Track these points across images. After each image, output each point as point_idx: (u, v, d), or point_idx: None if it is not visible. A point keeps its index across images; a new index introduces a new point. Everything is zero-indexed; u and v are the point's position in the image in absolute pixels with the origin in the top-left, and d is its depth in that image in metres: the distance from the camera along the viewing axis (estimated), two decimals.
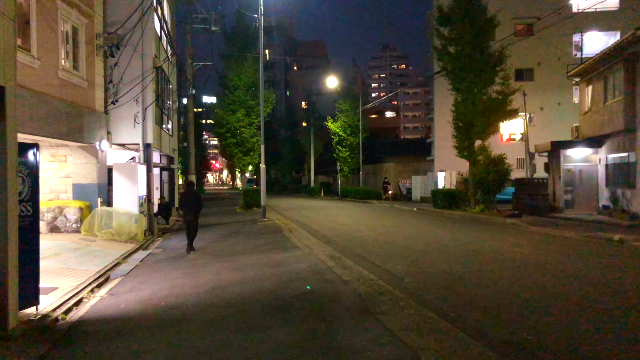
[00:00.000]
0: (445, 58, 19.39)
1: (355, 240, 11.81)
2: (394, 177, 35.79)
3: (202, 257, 10.14)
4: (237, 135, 24.50)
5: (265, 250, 10.39)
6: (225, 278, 7.51)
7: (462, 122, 19.19)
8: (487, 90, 18.68)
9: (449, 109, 31.41)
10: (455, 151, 30.79)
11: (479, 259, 8.78)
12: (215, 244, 12.14)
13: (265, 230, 14.44)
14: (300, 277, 7.09)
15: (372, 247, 10.54)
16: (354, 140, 35.62)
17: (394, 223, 16.12)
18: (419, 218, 18.08)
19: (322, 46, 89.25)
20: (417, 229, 14.23)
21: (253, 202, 22.95)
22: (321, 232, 13.50)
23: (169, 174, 21.21)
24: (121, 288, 7.41)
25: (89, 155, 12.87)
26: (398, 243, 11.09)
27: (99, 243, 11.44)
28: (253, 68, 24.49)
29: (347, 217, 18.50)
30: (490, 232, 13.26)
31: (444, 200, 20.93)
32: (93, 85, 12.80)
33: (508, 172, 17.96)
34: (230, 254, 10.16)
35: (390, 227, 14.62)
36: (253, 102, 24.44)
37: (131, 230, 12.31)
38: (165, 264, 9.41)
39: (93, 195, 12.81)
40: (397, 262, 8.56)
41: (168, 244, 12.62)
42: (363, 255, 9.37)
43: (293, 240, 11.87)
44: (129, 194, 13.02)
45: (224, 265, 8.71)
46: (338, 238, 12.20)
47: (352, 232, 13.36)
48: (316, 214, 20.28)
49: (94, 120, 12.74)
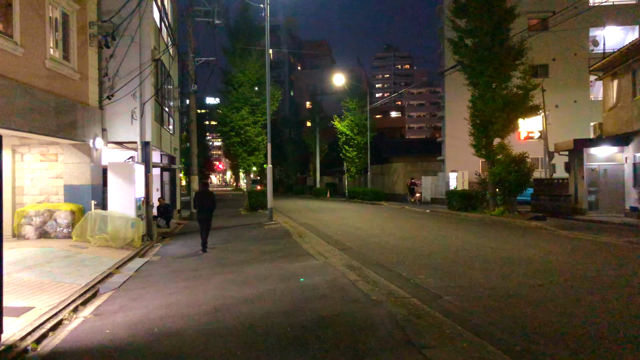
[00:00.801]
0: (462, 51, 18.30)
1: (372, 246, 10.74)
2: (402, 177, 34.68)
3: (204, 265, 9.09)
4: (241, 134, 23.46)
5: (275, 259, 9.33)
6: (231, 294, 6.45)
7: (479, 119, 18.09)
8: (507, 85, 17.58)
9: (460, 106, 30.43)
10: (468, 150, 29.77)
11: (517, 270, 7.70)
12: (219, 250, 11.09)
13: (273, 234, 13.38)
14: (320, 295, 6.02)
15: (394, 255, 9.47)
16: (362, 140, 34.55)
17: (410, 226, 15.03)
18: (436, 221, 16.98)
19: (326, 46, 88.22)
20: (437, 233, 13.14)
21: (258, 204, 21.90)
22: (334, 237, 12.43)
23: (170, 175, 20.19)
24: (110, 306, 6.36)
25: (82, 154, 11.86)
26: (421, 250, 10.01)
27: (92, 250, 10.41)
28: (258, 64, 23.48)
29: (359, 220, 17.42)
30: (517, 237, 12.16)
31: (459, 201, 19.83)
32: (86, 78, 11.78)
33: (530, 172, 16.83)
34: (236, 263, 9.11)
35: (408, 231, 13.54)
36: (258, 99, 23.44)
37: (127, 236, 11.27)
38: (163, 275, 8.36)
39: (86, 198, 11.79)
40: (426, 273, 7.49)
41: (167, 250, 11.58)
42: (385, 266, 8.30)
43: (304, 246, 10.81)
44: (125, 196, 11.99)
45: (228, 278, 7.66)
46: (353, 244, 11.13)
47: (367, 237, 12.29)
48: (325, 217, 19.22)
49: (88, 116, 11.73)
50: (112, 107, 13.12)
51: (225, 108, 23.67)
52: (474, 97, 18.35)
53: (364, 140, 34.35)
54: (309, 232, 13.50)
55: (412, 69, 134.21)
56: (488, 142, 18.21)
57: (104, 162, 12.68)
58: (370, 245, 10.84)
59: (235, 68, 23.56)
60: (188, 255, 10.68)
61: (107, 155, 15.33)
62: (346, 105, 35.34)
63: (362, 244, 11.06)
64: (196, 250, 11.21)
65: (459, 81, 29.77)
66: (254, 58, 23.53)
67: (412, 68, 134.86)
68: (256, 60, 23.53)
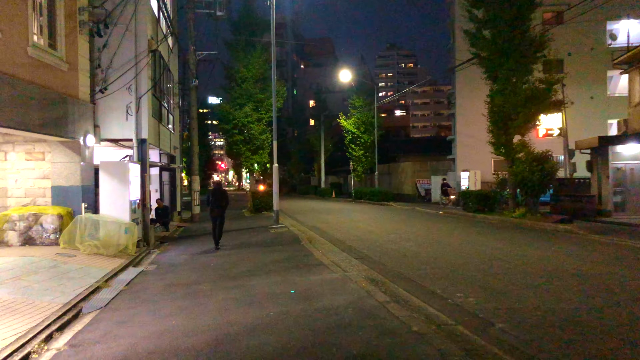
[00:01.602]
0: (479, 43, 17.18)
1: (392, 254, 9.65)
2: (410, 177, 33.60)
3: (205, 277, 8.03)
4: (244, 132, 22.38)
5: (284, 270, 8.25)
6: (235, 319, 5.37)
7: (499, 115, 16.97)
8: (527, 79, 16.46)
9: (472, 103, 29.38)
10: (479, 149, 28.74)
11: (567, 286, 6.60)
12: (221, 257, 10.03)
13: (280, 239, 12.31)
14: (345, 323, 4.94)
15: (419, 265, 8.38)
16: (368, 138, 33.43)
17: (428, 230, 13.93)
18: (453, 224, 15.88)
19: (330, 43, 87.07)
20: (461, 238, 12.03)
21: (263, 205, 20.85)
22: (347, 243, 11.35)
23: (169, 175, 19.14)
24: (91, 333, 5.30)
25: (71, 152, 10.81)
26: (449, 259, 8.92)
27: (80, 259, 9.35)
28: (262, 58, 22.39)
29: (371, 223, 16.33)
30: (548, 243, 11.05)
31: (476, 202, 18.71)
32: (75, 69, 10.72)
33: (554, 172, 15.71)
34: (240, 275, 8.03)
35: (427, 236, 12.44)
36: (262, 95, 22.35)
37: (120, 242, 10.21)
38: (158, 290, 7.30)
39: (76, 200, 10.74)
40: (464, 290, 6.41)
41: (165, 258, 10.52)
42: (413, 279, 7.22)
43: (316, 254, 9.73)
44: (119, 199, 10.93)
45: (231, 295, 6.58)
46: (370, 251, 10.04)
47: (384, 243, 11.20)
48: (334, 219, 18.13)
49: (78, 110, 10.67)
50: (105, 102, 12.09)
51: (227, 105, 22.57)
52: (493, 91, 17.23)
53: (371, 139, 33.23)
54: (319, 237, 12.43)
55: (416, 68, 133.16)
56: (508, 140, 17.09)
57: (97, 161, 11.63)
58: (389, 253, 9.75)
59: (238, 63, 22.46)
60: (187, 263, 9.62)
61: (101, 154, 14.32)
62: (352, 103, 34.21)
63: (380, 252, 9.98)
64: (197, 257, 10.17)
65: (471, 77, 28.68)
66: (257, 52, 22.42)
67: (416, 66, 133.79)
68: (260, 54, 22.43)
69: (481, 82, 29.11)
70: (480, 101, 28.98)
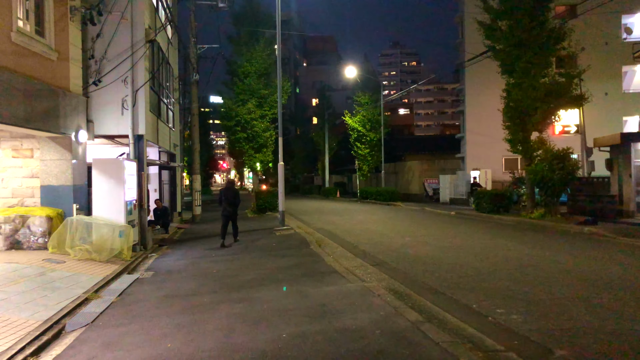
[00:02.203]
0: (495, 35, 16.31)
1: (411, 260, 8.81)
2: (418, 176, 32.74)
3: (206, 287, 7.21)
4: (247, 129, 21.52)
5: (294, 278, 7.42)
6: (242, 342, 4.55)
7: (516, 111, 16.10)
8: (546, 72, 15.60)
9: (482, 99, 28.52)
10: (490, 147, 27.88)
11: (623, 299, 5.76)
12: (224, 263, 9.20)
13: (287, 242, 11.47)
14: (375, 351, 4.09)
15: (444, 273, 7.54)
16: (374, 136, 32.57)
17: (444, 233, 13.09)
18: (469, 225, 15.02)
19: (332, 41, 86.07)
20: (481, 241, 11.18)
21: (267, 205, 20.01)
22: (359, 247, 10.51)
23: (169, 174, 18.34)
24: (71, 358, 4.48)
25: (62, 149, 10.00)
26: (475, 266, 8.07)
27: (70, 265, 8.55)
28: (266, 52, 21.55)
29: (381, 224, 15.48)
30: (578, 247, 10.19)
31: (490, 202, 17.84)
32: (66, 59, 9.91)
33: (575, 170, 14.86)
34: (246, 285, 7.20)
35: (444, 239, 11.59)
36: (266, 91, 21.51)
37: (114, 247, 9.40)
38: (153, 302, 6.48)
39: (67, 201, 9.94)
40: (503, 305, 5.57)
41: (163, 263, 9.70)
42: (442, 291, 6.38)
43: (328, 260, 8.90)
44: (113, 199, 10.11)
45: (236, 310, 5.75)
46: (387, 257, 9.20)
47: (400, 247, 10.36)
48: (342, 220, 17.30)
49: (69, 104, 9.87)
50: (99, 95, 11.28)
51: (230, 101, 21.72)
52: (509, 85, 16.36)
53: (377, 137, 32.39)
54: (328, 240, 11.58)
55: (420, 66, 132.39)
56: (525, 137, 16.24)
57: (91, 159, 10.82)
58: (408, 259, 8.91)
59: (241, 57, 21.63)
60: (187, 269, 8.80)
61: (97, 152, 13.52)
62: (358, 100, 33.36)
63: (397, 257, 9.14)
64: (197, 263, 9.36)
65: (481, 73, 27.80)
66: (261, 46, 21.58)
67: (420, 65, 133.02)
68: (264, 48, 21.59)
69: (491, 78, 28.27)
70: (490, 98, 28.16)
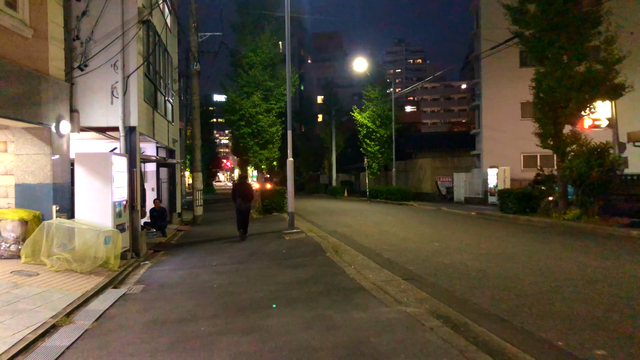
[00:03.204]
0: (524, 19, 14.85)
1: (449, 272, 7.41)
2: (430, 174, 31.30)
3: (204, 308, 5.84)
4: (252, 124, 20.14)
5: (313, 298, 6.03)
6: None
7: (547, 102, 14.66)
8: (582, 59, 14.14)
9: (499, 93, 27.00)
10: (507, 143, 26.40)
11: None
12: (228, 275, 7.84)
13: (298, 249, 10.09)
14: None
15: (496, 290, 6.14)
16: (385, 133, 31.13)
17: (475, 237, 11.67)
18: (499, 228, 13.61)
19: (338, 38, 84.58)
20: (523, 248, 9.76)
21: (273, 205, 18.67)
22: (383, 255, 9.12)
23: (168, 171, 17.00)
24: None
25: (40, 142, 8.66)
26: (531, 281, 6.66)
27: (43, 278, 7.20)
28: (271, 42, 20.17)
29: (400, 227, 14.09)
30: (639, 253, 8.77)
31: (516, 202, 16.40)
32: (44, 37, 8.56)
33: (616, 167, 13.42)
34: (253, 306, 5.82)
35: (479, 245, 10.18)
36: (272, 83, 20.12)
37: (99, 255, 8.04)
38: (137, 331, 5.11)
39: (45, 202, 8.60)
40: (600, 340, 4.17)
41: (157, 274, 8.35)
42: (505, 317, 4.98)
43: (349, 271, 7.51)
44: (99, 200, 8.76)
45: (243, 348, 4.36)
46: (418, 267, 7.81)
47: (431, 255, 8.96)
48: (355, 222, 15.91)
49: (48, 89, 8.52)
50: (85, 82, 9.95)
51: (233, 94, 20.34)
52: (539, 74, 14.90)
53: (388, 133, 30.95)
54: (345, 246, 10.19)
55: (425, 64, 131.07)
56: (557, 130, 14.79)
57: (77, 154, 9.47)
58: (444, 270, 7.51)
59: (245, 47, 20.26)
60: (184, 283, 7.44)
61: (88, 147, 12.26)
62: (367, 95, 31.92)
63: (430, 268, 7.74)
64: (196, 274, 7.99)
65: (498, 65, 26.37)
66: (267, 35, 20.19)
67: (425, 62, 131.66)
68: (270, 37, 20.21)
69: (509, 71, 26.88)
70: (508, 91, 26.71)
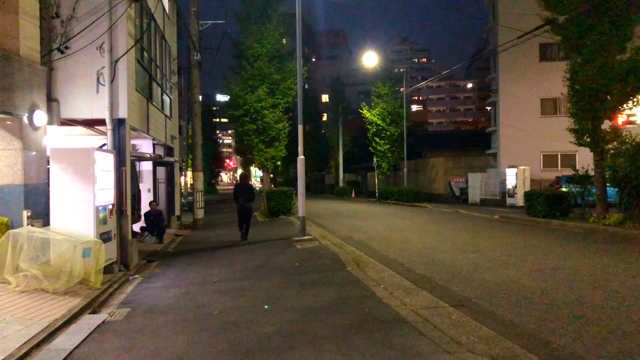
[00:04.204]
0: (559, 3, 13.41)
1: (504, 294, 6.00)
2: (442, 175, 29.89)
3: (200, 345, 4.47)
4: (257, 120, 18.77)
5: (341, 334, 4.64)
6: None
7: (584, 95, 13.21)
8: (626, 46, 12.71)
9: (518, 88, 25.52)
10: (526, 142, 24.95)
11: None
12: (231, 296, 6.45)
13: (313, 261, 8.68)
14: None
15: (574, 322, 4.74)
16: (395, 131, 29.72)
17: (513, 246, 10.25)
18: (535, 235, 12.18)
19: (343, 36, 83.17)
20: (576, 261, 8.33)
21: (280, 207, 17.29)
22: (414, 270, 7.72)
23: (167, 171, 15.64)
24: None
25: (8, 135, 7.29)
26: (617, 307, 5.25)
27: (3, 302, 5.85)
28: (278, 32, 18.80)
29: (423, 232, 12.68)
30: None
31: (546, 205, 14.97)
32: (13, 12, 7.19)
33: None
34: (263, 347, 4.43)
35: (523, 257, 8.75)
36: (278, 76, 18.75)
37: (75, 271, 6.66)
38: None
39: (15, 206, 7.23)
40: None
41: (147, 292, 6.98)
42: None
43: (380, 293, 6.11)
44: (79, 203, 7.40)
45: None
46: (464, 287, 6.41)
47: (471, 270, 7.54)
48: (370, 226, 14.52)
49: (18, 73, 7.15)
50: (67, 67, 8.60)
51: (237, 87, 18.96)
52: (575, 64, 13.46)
53: (398, 131, 29.55)
54: (368, 258, 8.79)
55: (430, 62, 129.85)
56: (595, 126, 13.36)
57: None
58: (498, 293, 6.10)
59: (250, 37, 18.89)
60: (177, 307, 6.06)
61: (73, 143, 10.93)
62: (377, 91, 30.50)
63: (478, 289, 6.33)
64: (194, 293, 6.61)
65: (517, 59, 24.94)
66: (273, 24, 18.82)
67: (430, 61, 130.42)
68: (276, 27, 18.85)
69: (528, 66, 25.43)
70: (527, 87, 25.29)
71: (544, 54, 25.21)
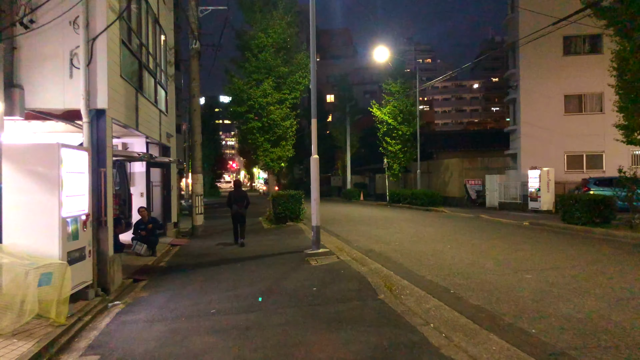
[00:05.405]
0: None
1: (603, 341, 4.40)
2: (457, 176, 28.23)
3: None
4: (263, 117, 17.21)
5: None
6: None
7: (635, 86, 11.62)
8: None
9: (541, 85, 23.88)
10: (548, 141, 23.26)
11: None
12: (231, 339, 4.86)
13: (335, 285, 7.06)
14: None
15: None
16: (407, 130, 28.11)
17: (573, 264, 8.62)
18: (584, 247, 10.55)
19: (348, 34, 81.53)
20: None
21: (287, 213, 15.68)
22: (464, 297, 6.11)
23: (162, 173, 14.08)
24: None
25: None
26: None
27: None
28: (285, 21, 17.25)
29: (452, 244, 11.04)
30: None
31: (586, 211, 13.34)
32: None
33: None
34: None
35: (595, 280, 7.12)
36: (285, 68, 17.19)
37: (26, 306, 5.08)
38: None
39: None
40: None
41: (125, 329, 5.41)
42: None
43: (431, 337, 4.52)
44: (38, 213, 5.83)
45: None
46: (541, 328, 4.81)
47: (538, 299, 5.93)
48: (389, 234, 12.91)
49: None
50: (33, 45, 7.07)
51: (240, 81, 17.37)
52: (625, 52, 11.86)
53: (410, 131, 27.94)
54: (400, 279, 7.17)
55: (435, 63, 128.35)
56: None
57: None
58: (593, 337, 4.50)
59: (254, 26, 17.34)
60: (161, 353, 4.48)
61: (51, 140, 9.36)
62: (387, 89, 28.88)
63: (567, 332, 4.73)
64: (185, 332, 5.01)
65: (538, 53, 23.31)
66: (280, 12, 17.26)
67: (435, 61, 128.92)
68: (283, 15, 17.29)
69: (551, 60, 23.79)
70: (550, 83, 23.60)
71: (568, 48, 23.54)
